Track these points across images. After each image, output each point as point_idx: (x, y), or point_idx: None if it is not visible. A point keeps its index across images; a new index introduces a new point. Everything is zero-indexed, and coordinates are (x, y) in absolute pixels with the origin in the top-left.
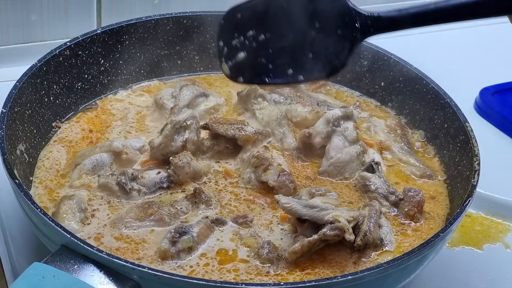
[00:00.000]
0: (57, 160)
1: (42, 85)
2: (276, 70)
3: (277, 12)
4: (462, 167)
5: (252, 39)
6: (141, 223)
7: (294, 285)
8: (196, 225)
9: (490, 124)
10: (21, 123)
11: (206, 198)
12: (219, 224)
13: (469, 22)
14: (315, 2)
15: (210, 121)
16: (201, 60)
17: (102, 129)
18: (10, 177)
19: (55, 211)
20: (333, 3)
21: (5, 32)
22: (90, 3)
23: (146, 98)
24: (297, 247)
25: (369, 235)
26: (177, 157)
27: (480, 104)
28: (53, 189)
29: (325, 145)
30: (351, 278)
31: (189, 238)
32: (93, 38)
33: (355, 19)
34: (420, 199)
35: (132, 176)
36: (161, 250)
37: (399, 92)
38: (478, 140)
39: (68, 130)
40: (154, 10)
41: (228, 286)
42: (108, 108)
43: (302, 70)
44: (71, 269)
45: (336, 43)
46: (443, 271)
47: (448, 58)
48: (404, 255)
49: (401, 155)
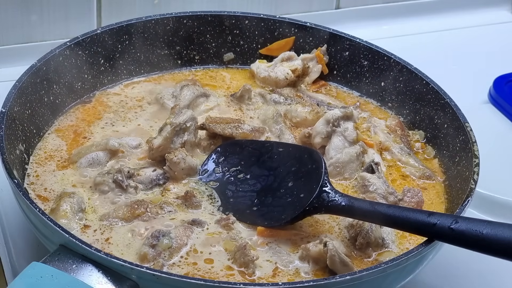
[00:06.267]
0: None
1: (42, 85)
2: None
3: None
4: (461, 167)
5: (232, 172)
6: (127, 224)
7: (292, 285)
8: (174, 228)
9: (503, 116)
10: (21, 123)
11: (196, 203)
12: (197, 225)
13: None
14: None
15: (206, 121)
16: (201, 60)
17: (92, 120)
18: (9, 177)
19: (54, 207)
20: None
21: (5, 32)
22: (90, 3)
23: (144, 95)
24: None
25: (371, 234)
26: (172, 153)
27: (493, 94)
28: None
29: (325, 145)
30: (349, 278)
31: (167, 239)
32: (93, 38)
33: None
34: (419, 199)
35: (128, 174)
36: (141, 254)
37: (399, 92)
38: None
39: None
40: (154, 10)
41: (226, 286)
42: (104, 100)
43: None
44: (70, 269)
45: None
46: (443, 271)
47: (449, 58)
48: (402, 255)
49: (400, 155)
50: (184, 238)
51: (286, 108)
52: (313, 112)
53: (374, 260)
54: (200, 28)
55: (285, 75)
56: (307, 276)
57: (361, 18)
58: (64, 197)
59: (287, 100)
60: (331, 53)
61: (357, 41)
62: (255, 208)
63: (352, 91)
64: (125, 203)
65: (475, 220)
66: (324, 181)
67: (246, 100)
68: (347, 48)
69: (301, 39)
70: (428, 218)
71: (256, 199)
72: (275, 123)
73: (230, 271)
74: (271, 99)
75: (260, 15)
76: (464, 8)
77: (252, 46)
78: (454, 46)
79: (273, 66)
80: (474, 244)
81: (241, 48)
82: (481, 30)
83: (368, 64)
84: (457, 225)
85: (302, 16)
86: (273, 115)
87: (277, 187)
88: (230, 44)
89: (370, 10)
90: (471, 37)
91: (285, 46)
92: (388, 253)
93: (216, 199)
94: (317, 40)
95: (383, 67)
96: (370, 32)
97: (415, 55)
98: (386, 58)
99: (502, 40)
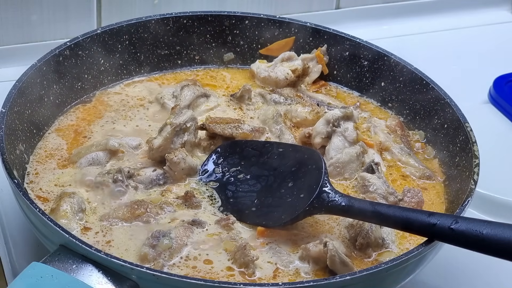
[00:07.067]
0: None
1: (42, 85)
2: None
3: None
4: (461, 168)
5: (232, 172)
6: (127, 224)
7: (292, 285)
8: (174, 228)
9: (503, 116)
10: (21, 123)
11: (196, 203)
12: (197, 225)
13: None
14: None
15: (206, 121)
16: (201, 60)
17: (93, 119)
18: (9, 177)
19: (54, 207)
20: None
21: (5, 32)
22: (90, 3)
23: (144, 94)
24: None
25: (371, 234)
26: (172, 153)
27: (493, 94)
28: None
29: (325, 145)
30: (349, 278)
31: (168, 240)
32: (93, 38)
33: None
34: (419, 199)
35: (128, 174)
36: (141, 254)
37: (399, 92)
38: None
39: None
40: (154, 10)
41: (226, 286)
42: (104, 99)
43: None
44: (70, 269)
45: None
46: (443, 271)
47: (449, 58)
48: (402, 255)
49: (400, 155)
50: (184, 238)
51: (286, 108)
52: (313, 112)
53: (374, 260)
54: (200, 28)
55: (285, 75)
56: (307, 276)
57: (361, 18)
58: (64, 197)
59: (287, 100)
60: (331, 53)
61: (357, 41)
62: (255, 208)
63: (352, 91)
64: (125, 203)
65: (475, 220)
66: (324, 181)
67: (246, 100)
68: (347, 48)
69: (301, 39)
70: (428, 218)
71: (256, 199)
72: (275, 123)
73: (231, 271)
74: (271, 99)
75: (260, 15)
76: (464, 8)
77: (252, 46)
78: (454, 46)
79: (273, 66)
80: (474, 244)
81: (241, 48)
82: (481, 30)
83: (368, 64)
84: (457, 225)
85: (302, 16)
86: (273, 115)
87: (277, 188)
88: (230, 44)
89: (370, 10)
90: (471, 37)
91: (285, 46)
92: (388, 253)
93: (216, 200)
94: (317, 40)
95: (383, 67)
96: (370, 32)
97: (415, 55)
98: (386, 58)
99: (502, 40)
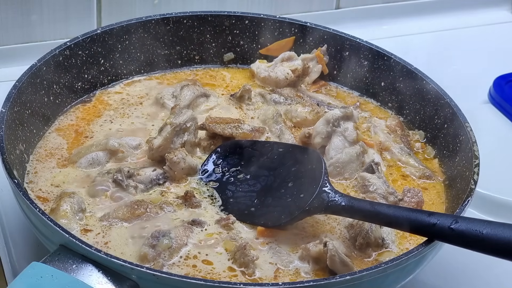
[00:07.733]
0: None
1: (42, 85)
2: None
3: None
4: (462, 167)
5: (232, 172)
6: (127, 224)
7: (292, 285)
8: (174, 228)
9: (503, 116)
10: (21, 123)
11: (196, 203)
12: (197, 225)
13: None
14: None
15: (206, 121)
16: (201, 60)
17: (93, 119)
18: (9, 177)
19: (54, 207)
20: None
21: (5, 32)
22: (90, 3)
23: (146, 92)
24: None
25: (371, 234)
26: (172, 153)
27: (493, 94)
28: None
29: (325, 145)
30: (349, 278)
31: (167, 239)
32: (93, 38)
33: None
34: (419, 199)
35: (128, 174)
36: (141, 254)
37: (399, 92)
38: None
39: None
40: (154, 10)
41: (226, 286)
42: (104, 99)
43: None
44: (70, 269)
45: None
46: (443, 271)
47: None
48: (402, 255)
49: (400, 155)
50: (184, 238)
51: (286, 108)
52: (313, 112)
53: (374, 260)
54: (200, 28)
55: (285, 75)
56: (307, 276)
57: (361, 18)
58: (64, 197)
59: (287, 100)
60: (331, 53)
61: (357, 41)
62: (255, 208)
63: (352, 91)
64: (125, 203)
65: (475, 220)
66: (324, 181)
67: (246, 100)
68: (347, 48)
69: (301, 39)
70: (428, 218)
71: (256, 199)
72: (275, 123)
73: (232, 272)
74: (271, 99)
75: (260, 15)
76: (464, 8)
77: (252, 46)
78: (454, 46)
79: (273, 66)
80: (474, 244)
81: (241, 48)
82: (481, 30)
83: (368, 64)
84: (457, 225)
85: (302, 16)
86: (273, 115)
87: (277, 187)
88: (230, 44)
89: (370, 10)
90: (471, 37)
91: (285, 46)
92: (388, 253)
93: (216, 199)
94: (317, 40)
95: (383, 67)
96: (370, 32)
97: (415, 55)
98: (386, 58)
99: (502, 40)
